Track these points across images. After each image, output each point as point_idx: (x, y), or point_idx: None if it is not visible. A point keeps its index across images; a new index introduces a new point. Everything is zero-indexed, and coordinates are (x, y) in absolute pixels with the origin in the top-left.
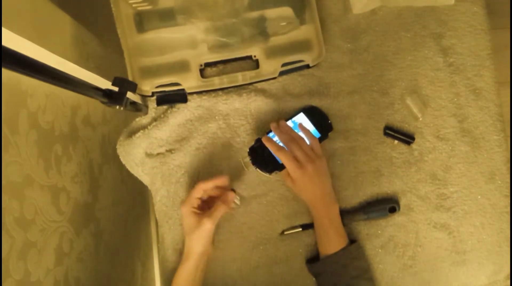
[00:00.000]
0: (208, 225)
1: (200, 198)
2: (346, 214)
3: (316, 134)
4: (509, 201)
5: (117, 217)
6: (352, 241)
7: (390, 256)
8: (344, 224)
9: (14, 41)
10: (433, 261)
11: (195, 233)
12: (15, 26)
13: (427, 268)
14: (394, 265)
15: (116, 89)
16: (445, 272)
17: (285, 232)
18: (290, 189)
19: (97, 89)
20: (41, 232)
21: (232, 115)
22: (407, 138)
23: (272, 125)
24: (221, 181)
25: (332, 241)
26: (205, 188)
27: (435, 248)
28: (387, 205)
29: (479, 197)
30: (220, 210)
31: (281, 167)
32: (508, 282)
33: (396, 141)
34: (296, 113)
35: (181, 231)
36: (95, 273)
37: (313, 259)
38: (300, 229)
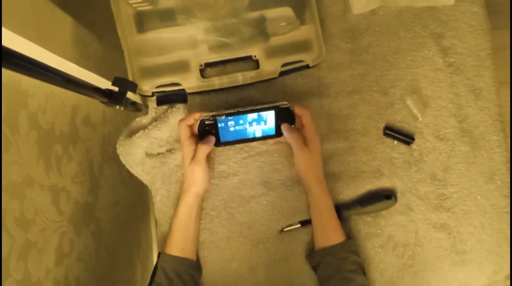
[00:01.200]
0: (204, 150)
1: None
2: (343, 207)
3: (271, 131)
4: (509, 201)
5: (117, 217)
6: (349, 238)
7: (389, 255)
8: (341, 218)
9: (14, 41)
10: (433, 261)
11: (197, 161)
12: (15, 26)
13: (427, 268)
14: (393, 265)
15: (116, 89)
16: (445, 272)
17: (284, 230)
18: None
19: (97, 89)
20: (42, 232)
21: None
22: (407, 138)
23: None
24: (199, 114)
25: (329, 232)
26: (188, 124)
27: (434, 248)
28: (382, 193)
29: (479, 197)
30: (202, 151)
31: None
32: (508, 282)
33: (396, 141)
34: (267, 107)
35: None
36: (95, 273)
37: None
38: (299, 225)
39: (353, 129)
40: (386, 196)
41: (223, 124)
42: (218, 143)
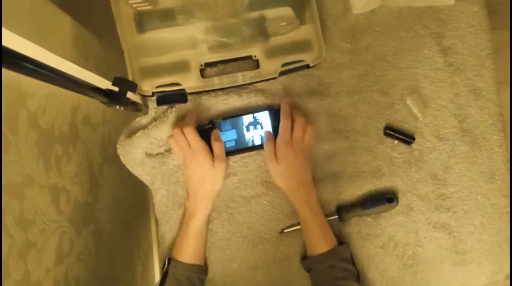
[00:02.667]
0: (220, 146)
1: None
2: (344, 209)
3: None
4: (509, 201)
5: (117, 217)
6: (341, 243)
7: (390, 255)
8: (342, 220)
9: (14, 41)
10: (433, 261)
11: (221, 158)
12: (14, 26)
13: (427, 268)
14: (394, 265)
15: (116, 89)
16: (445, 272)
17: (285, 230)
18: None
19: (98, 89)
20: (41, 232)
21: None
22: (407, 138)
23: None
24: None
25: (317, 240)
26: (193, 126)
27: (435, 248)
28: (384, 196)
29: (479, 197)
30: (221, 148)
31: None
32: (508, 282)
33: (396, 141)
34: (261, 109)
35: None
36: (95, 273)
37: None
38: (299, 226)
39: (353, 129)
40: (388, 199)
41: (220, 129)
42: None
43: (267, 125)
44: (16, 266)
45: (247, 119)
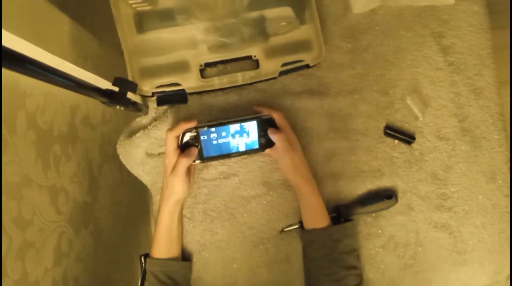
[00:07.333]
0: (184, 163)
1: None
2: (343, 208)
3: (254, 145)
4: (510, 201)
5: (116, 217)
6: (347, 220)
7: (390, 255)
8: (343, 219)
9: (12, 42)
10: (434, 261)
11: (175, 174)
12: (12, 27)
13: (428, 268)
14: (394, 265)
15: (116, 89)
16: (446, 272)
17: (285, 230)
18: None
19: (98, 89)
20: (40, 232)
21: None
22: (408, 137)
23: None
24: (190, 124)
25: (319, 217)
26: (176, 135)
27: (435, 248)
28: (383, 193)
29: (480, 197)
30: (192, 154)
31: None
32: (509, 282)
33: (396, 141)
34: (249, 118)
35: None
36: (94, 273)
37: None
38: (299, 225)
39: (353, 129)
40: (387, 196)
41: (205, 137)
42: (201, 158)
43: (254, 135)
44: (14, 266)
45: (233, 127)
